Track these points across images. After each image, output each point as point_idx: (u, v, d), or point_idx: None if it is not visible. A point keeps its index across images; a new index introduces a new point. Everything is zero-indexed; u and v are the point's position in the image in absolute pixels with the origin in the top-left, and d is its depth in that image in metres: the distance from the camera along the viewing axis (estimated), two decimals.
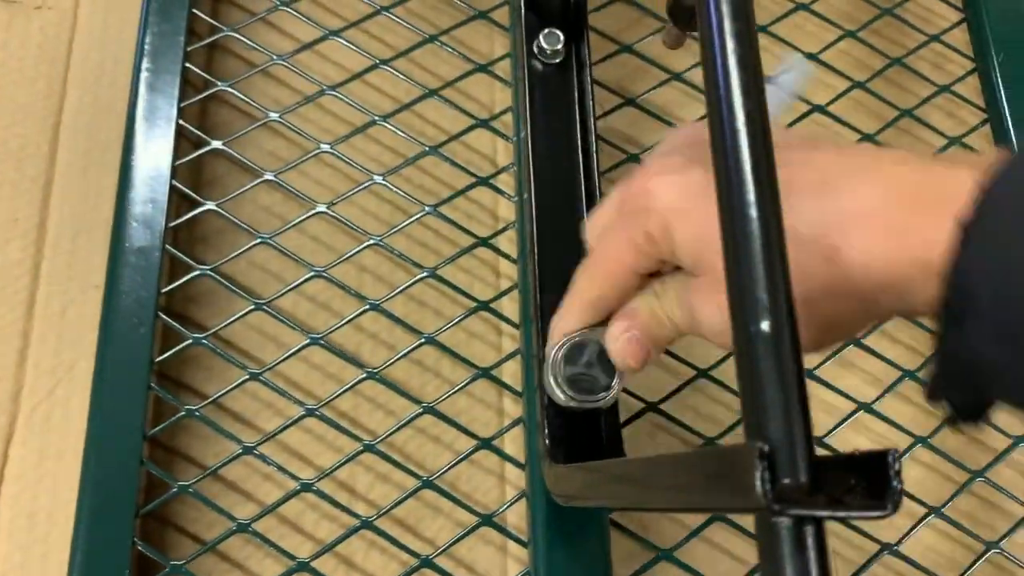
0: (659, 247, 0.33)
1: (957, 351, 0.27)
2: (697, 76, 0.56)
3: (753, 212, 0.25)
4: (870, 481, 0.23)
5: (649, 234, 0.33)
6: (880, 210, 0.28)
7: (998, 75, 0.56)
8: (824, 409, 0.51)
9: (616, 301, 0.36)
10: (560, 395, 0.39)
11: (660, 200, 0.32)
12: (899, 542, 0.48)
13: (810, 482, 0.23)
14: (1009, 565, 0.49)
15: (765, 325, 0.24)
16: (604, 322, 0.37)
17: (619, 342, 0.36)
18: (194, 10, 0.52)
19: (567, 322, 0.38)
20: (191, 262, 0.48)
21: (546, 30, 0.49)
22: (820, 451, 0.24)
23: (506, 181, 0.54)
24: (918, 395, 0.52)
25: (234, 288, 0.49)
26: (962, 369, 0.27)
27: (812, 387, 0.51)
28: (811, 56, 0.58)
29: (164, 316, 0.46)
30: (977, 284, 0.26)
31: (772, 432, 0.23)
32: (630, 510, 0.45)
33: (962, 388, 0.28)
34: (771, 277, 0.24)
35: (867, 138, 0.56)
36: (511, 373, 0.51)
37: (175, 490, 0.44)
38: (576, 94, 0.49)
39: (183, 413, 0.45)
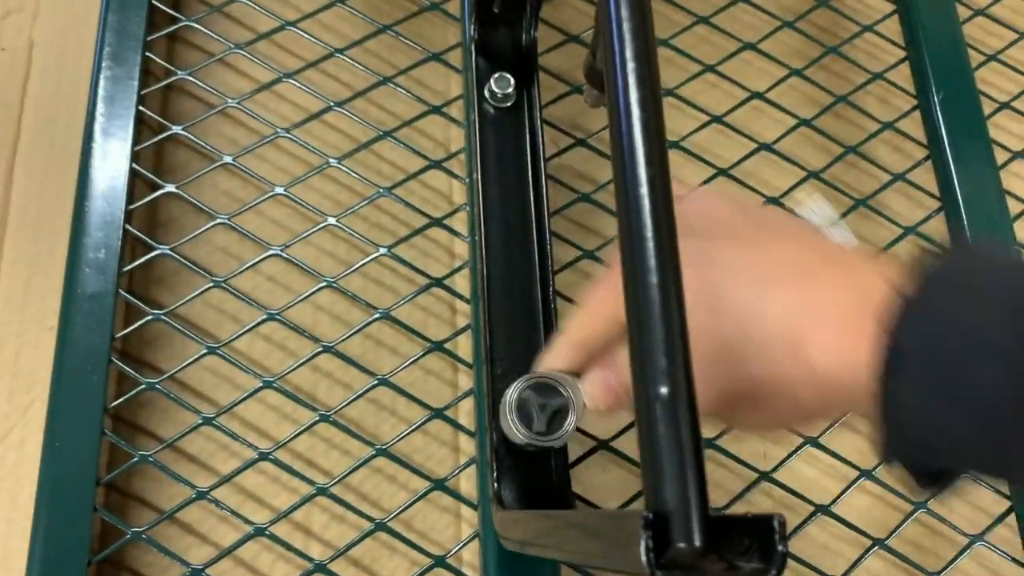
0: None
1: (893, 406, 0.28)
2: None
3: (653, 279, 0.26)
4: (761, 543, 0.24)
5: None
6: (844, 311, 0.29)
7: (938, 112, 0.58)
8: (773, 441, 0.52)
9: (601, 346, 0.37)
10: (516, 434, 0.39)
11: None
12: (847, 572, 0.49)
13: (705, 545, 0.23)
14: None
15: (663, 389, 0.25)
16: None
17: (595, 386, 0.37)
18: (148, 53, 0.52)
19: (552, 361, 0.38)
20: (144, 307, 0.48)
21: (497, 74, 0.50)
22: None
23: (462, 219, 0.55)
24: (864, 426, 0.54)
25: (188, 332, 0.49)
26: (903, 427, 0.28)
27: None
28: (758, 95, 0.59)
29: (117, 361, 0.46)
30: (906, 341, 0.27)
31: (668, 496, 0.24)
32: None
33: (909, 447, 0.29)
34: (670, 342, 0.25)
35: (814, 175, 0.57)
36: (467, 412, 0.51)
37: (128, 536, 0.44)
38: (527, 137, 0.50)
39: (136, 459, 0.45)
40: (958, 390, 0.27)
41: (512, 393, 0.39)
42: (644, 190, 0.26)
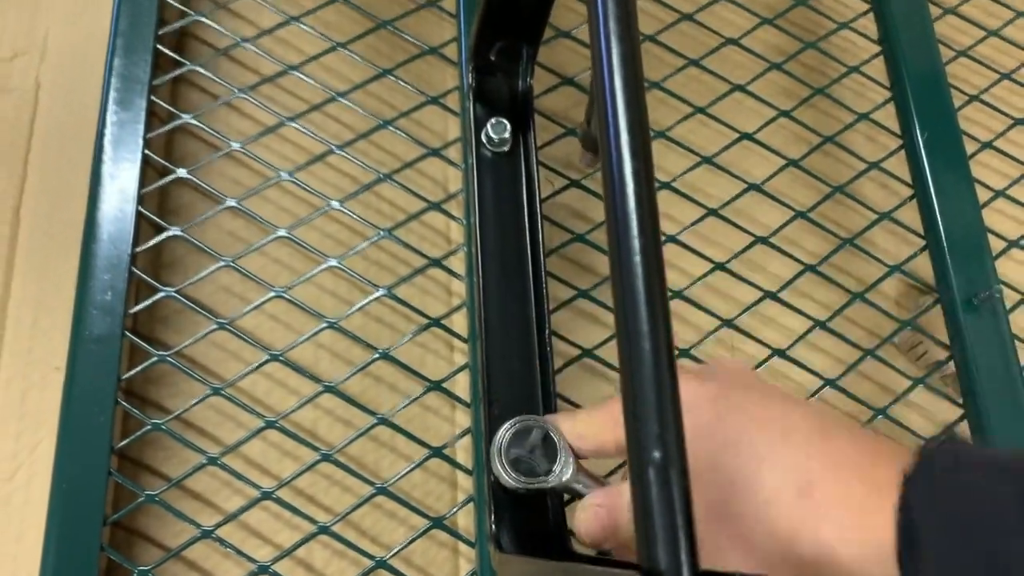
0: None
1: None
2: None
3: (647, 345, 0.27)
4: None
5: None
6: (855, 466, 0.31)
7: (922, 151, 0.59)
8: None
9: (592, 449, 0.39)
10: (505, 477, 0.41)
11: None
12: None
13: None
14: None
15: (656, 453, 0.26)
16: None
17: (586, 511, 0.38)
18: (153, 97, 0.53)
19: (556, 423, 0.40)
20: (150, 349, 0.49)
21: (493, 120, 0.51)
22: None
23: (460, 259, 0.56)
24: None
25: (192, 372, 0.50)
26: None
27: None
28: (748, 136, 0.60)
29: (123, 402, 0.47)
30: (921, 532, 0.28)
31: (661, 554, 0.25)
32: None
33: None
34: (662, 408, 0.26)
35: (801, 215, 0.59)
36: (465, 450, 0.52)
37: (135, 575, 0.45)
38: (523, 180, 0.52)
39: (143, 499, 0.46)
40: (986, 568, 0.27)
41: (501, 439, 0.40)
42: (637, 259, 0.27)
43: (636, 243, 0.27)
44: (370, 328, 0.54)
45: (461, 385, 0.54)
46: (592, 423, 0.40)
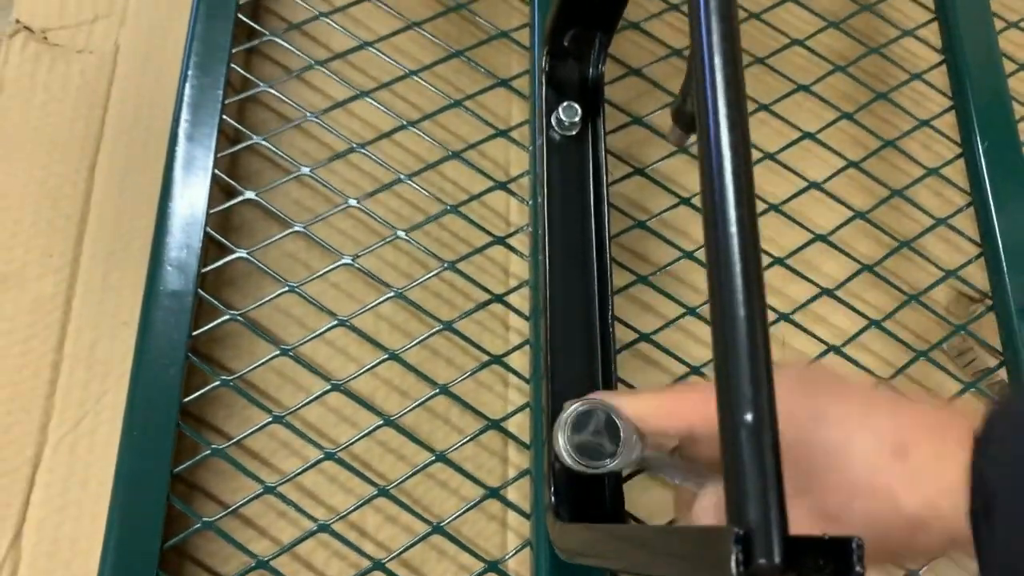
0: None
1: (991, 549, 0.30)
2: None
3: (740, 311, 0.28)
4: (836, 563, 0.26)
5: None
6: (943, 427, 0.32)
7: (982, 160, 0.60)
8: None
9: (654, 429, 0.40)
10: (567, 459, 0.41)
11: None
12: None
13: (783, 562, 0.25)
14: None
15: (748, 416, 0.27)
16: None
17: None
18: (232, 65, 0.55)
19: (612, 402, 0.41)
20: (221, 307, 0.50)
21: (564, 103, 0.52)
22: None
23: (519, 240, 0.57)
24: None
25: (260, 333, 0.51)
26: (1003, 570, 0.30)
27: None
28: (809, 136, 0.61)
29: (193, 357, 0.48)
30: (995, 485, 0.30)
31: (751, 515, 0.26)
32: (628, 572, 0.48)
33: None
34: (755, 371, 0.27)
35: (860, 216, 0.60)
36: (517, 424, 0.53)
37: (199, 526, 0.46)
38: (590, 164, 0.53)
39: (209, 452, 0.47)
40: None
41: (565, 424, 0.41)
42: (733, 227, 0.28)
43: (732, 211, 0.28)
44: (428, 302, 0.55)
45: (516, 362, 0.54)
46: (657, 406, 0.40)
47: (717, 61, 0.31)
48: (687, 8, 0.32)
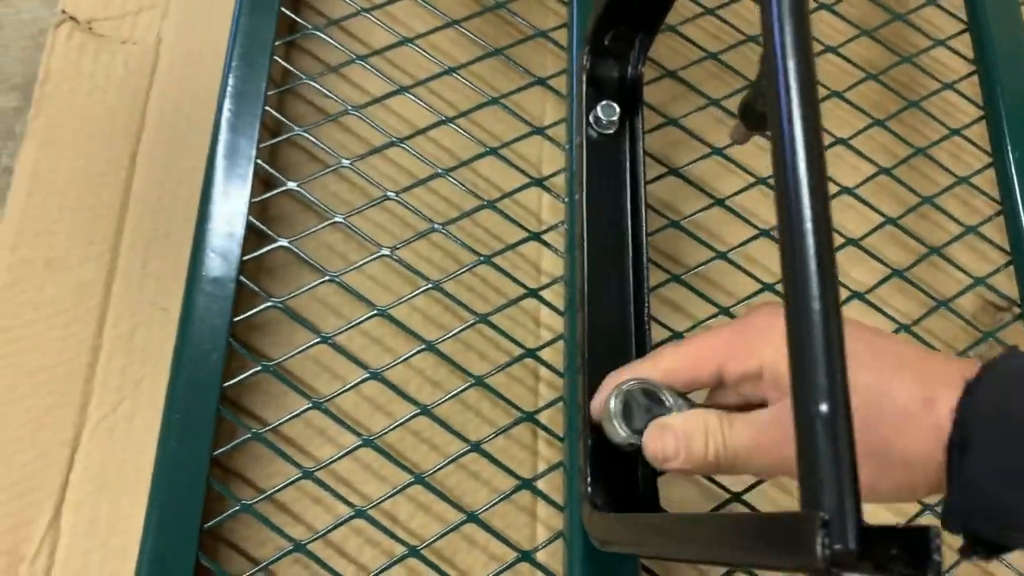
0: (751, 361, 0.37)
1: (964, 483, 0.32)
2: (734, 150, 0.60)
3: (816, 305, 0.28)
4: (911, 552, 0.26)
5: (750, 345, 0.37)
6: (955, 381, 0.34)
7: (1013, 170, 0.60)
8: None
9: (685, 382, 0.40)
10: (620, 432, 0.42)
11: (778, 332, 0.36)
12: None
13: (858, 549, 0.26)
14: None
15: (824, 407, 0.27)
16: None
17: (662, 432, 0.40)
18: (275, 57, 0.55)
19: (634, 371, 0.42)
20: (263, 293, 0.51)
21: (603, 102, 0.53)
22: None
23: (552, 236, 0.57)
24: None
25: (300, 320, 0.52)
26: (971, 501, 0.32)
27: None
28: (842, 141, 0.62)
29: (234, 343, 0.49)
30: (974, 422, 0.32)
31: (827, 503, 0.26)
32: (666, 560, 0.48)
33: (976, 519, 0.32)
34: (830, 362, 0.28)
35: (890, 221, 0.60)
36: (548, 417, 0.54)
37: (238, 508, 0.47)
38: (627, 163, 0.53)
39: (249, 436, 0.48)
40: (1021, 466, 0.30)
41: (617, 396, 0.42)
42: (808, 216, 0.29)
43: (807, 205, 0.29)
44: (461, 296, 0.56)
45: (548, 357, 0.55)
46: (682, 358, 0.41)
47: (791, 60, 0.31)
48: (759, 5, 0.33)
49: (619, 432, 0.41)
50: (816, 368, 0.27)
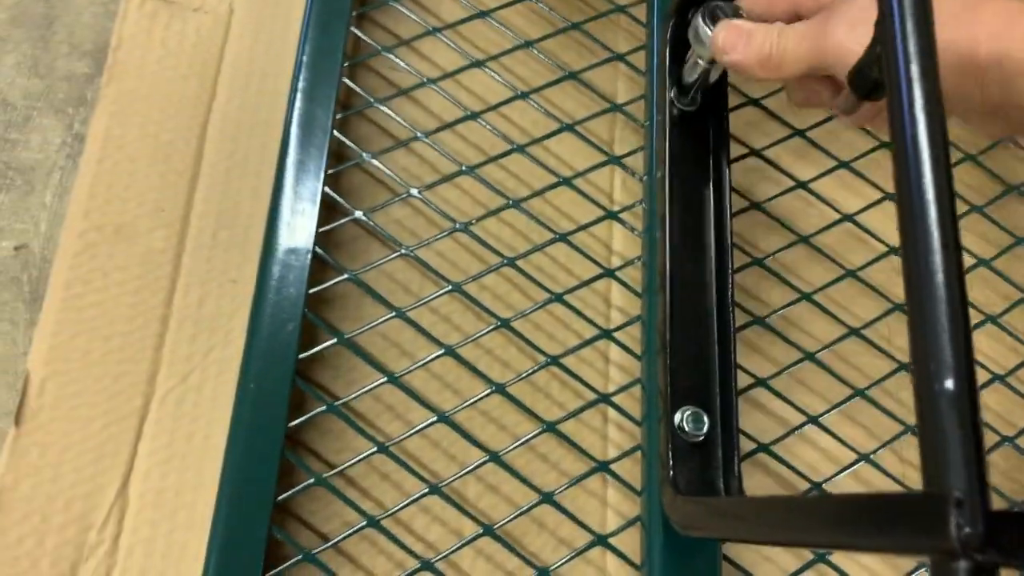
0: None
1: None
2: (817, 133, 0.58)
3: (939, 278, 0.27)
4: None
5: None
6: None
7: None
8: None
9: (763, 7, 0.43)
10: (707, 30, 0.45)
11: None
12: None
13: (985, 533, 0.25)
14: None
15: (949, 383, 0.26)
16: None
17: (727, 31, 0.43)
18: (352, 28, 0.55)
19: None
20: (337, 266, 0.50)
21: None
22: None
23: (627, 216, 0.56)
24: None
25: (376, 293, 0.51)
26: None
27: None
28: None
29: (310, 314, 0.48)
30: None
31: (954, 484, 0.25)
32: (755, 543, 0.47)
33: None
34: (955, 338, 0.26)
35: (975, 209, 0.58)
36: (619, 401, 0.52)
37: (312, 481, 0.46)
38: (711, 140, 0.52)
39: (324, 408, 0.47)
40: None
41: (708, 6, 0.45)
42: (930, 185, 0.27)
43: (929, 173, 0.27)
44: (534, 275, 0.55)
45: (622, 339, 0.54)
46: None
47: (910, 24, 0.30)
48: None
49: (705, 32, 0.45)
50: (940, 341, 0.26)
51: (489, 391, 0.50)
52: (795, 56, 0.41)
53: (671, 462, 0.43)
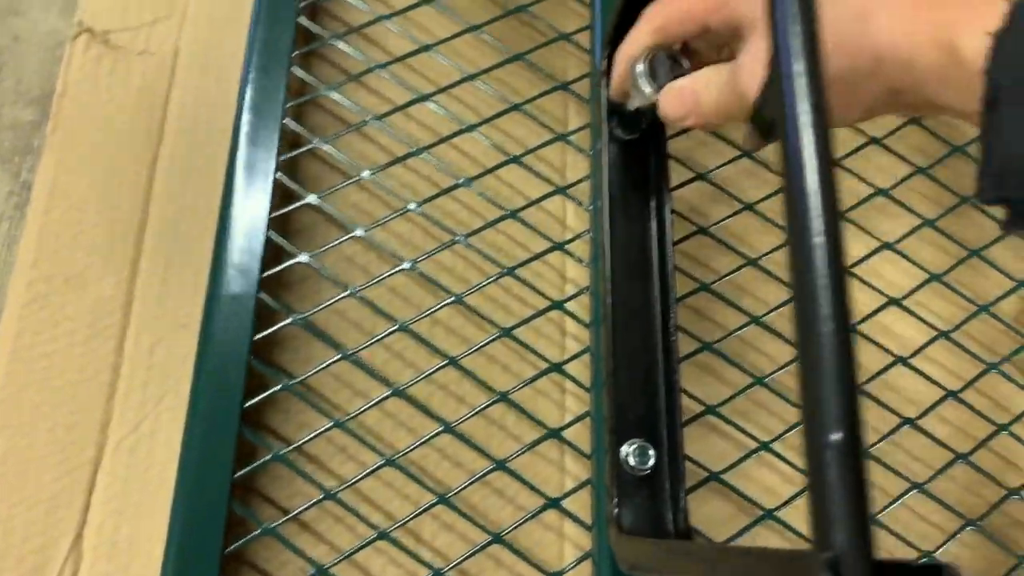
0: (728, 5, 0.38)
1: (997, 139, 0.30)
2: (762, 155, 0.58)
3: (828, 327, 0.27)
4: None
5: None
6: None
7: None
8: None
9: (676, 34, 0.42)
10: (647, 89, 0.44)
11: None
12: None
13: None
14: None
15: (835, 436, 0.25)
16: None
17: (671, 92, 0.42)
18: (293, 68, 0.54)
19: (636, 36, 0.44)
20: (282, 310, 0.50)
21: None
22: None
23: (577, 246, 0.56)
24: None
25: (320, 338, 0.51)
26: (1008, 163, 0.30)
27: None
28: (874, 140, 0.60)
29: (255, 361, 0.48)
30: (1008, 73, 0.29)
31: (838, 539, 0.25)
32: None
33: (1010, 183, 0.30)
34: (843, 389, 0.26)
35: (929, 224, 0.58)
36: (575, 433, 0.52)
37: (259, 532, 0.46)
38: (652, 168, 0.52)
39: (269, 457, 0.47)
40: None
41: (646, 57, 0.44)
42: (820, 239, 0.27)
43: (816, 221, 0.27)
44: (485, 308, 0.55)
45: (574, 371, 0.54)
46: (669, 12, 0.42)
47: (797, 65, 0.30)
48: (764, 11, 0.31)
49: (645, 91, 0.43)
50: (827, 395, 0.26)
51: (439, 430, 0.50)
52: (727, 112, 0.40)
53: (615, 499, 0.43)
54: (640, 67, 0.44)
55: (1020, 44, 0.29)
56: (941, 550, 0.52)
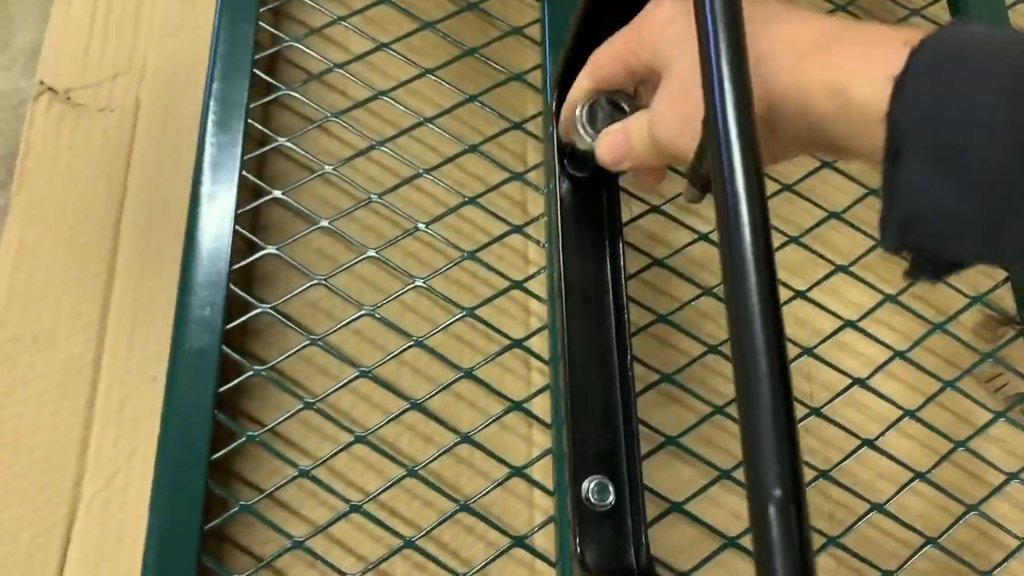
0: (645, 50, 0.39)
1: (899, 188, 0.30)
2: None
3: (765, 387, 0.28)
4: None
5: (644, 36, 0.39)
6: (805, 41, 0.33)
7: None
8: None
9: (609, 79, 0.43)
10: (587, 138, 0.44)
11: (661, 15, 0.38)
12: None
13: None
14: None
15: (777, 492, 0.26)
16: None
17: (606, 138, 0.43)
18: (249, 120, 0.55)
19: (579, 81, 0.45)
20: (244, 362, 0.51)
21: None
22: None
23: (540, 281, 0.57)
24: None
25: (285, 385, 0.52)
26: (908, 213, 0.30)
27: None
28: (825, 164, 0.61)
29: (219, 414, 0.49)
30: (910, 122, 0.29)
31: None
32: None
33: (913, 231, 0.30)
34: (782, 447, 0.27)
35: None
36: (542, 469, 0.53)
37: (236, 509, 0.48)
38: (604, 204, 0.53)
39: (236, 509, 0.48)
40: (954, 164, 0.28)
41: (586, 103, 0.44)
42: (754, 299, 0.28)
43: (752, 280, 0.28)
44: (449, 346, 0.56)
45: (539, 407, 0.54)
46: (604, 59, 0.43)
47: (731, 121, 0.31)
48: (700, 72, 0.32)
49: (585, 138, 0.44)
50: (768, 452, 0.27)
51: (406, 408, 0.51)
52: (673, 137, 0.39)
53: (577, 537, 0.44)
54: (579, 111, 0.45)
55: (922, 90, 0.30)
56: (907, 566, 0.53)
